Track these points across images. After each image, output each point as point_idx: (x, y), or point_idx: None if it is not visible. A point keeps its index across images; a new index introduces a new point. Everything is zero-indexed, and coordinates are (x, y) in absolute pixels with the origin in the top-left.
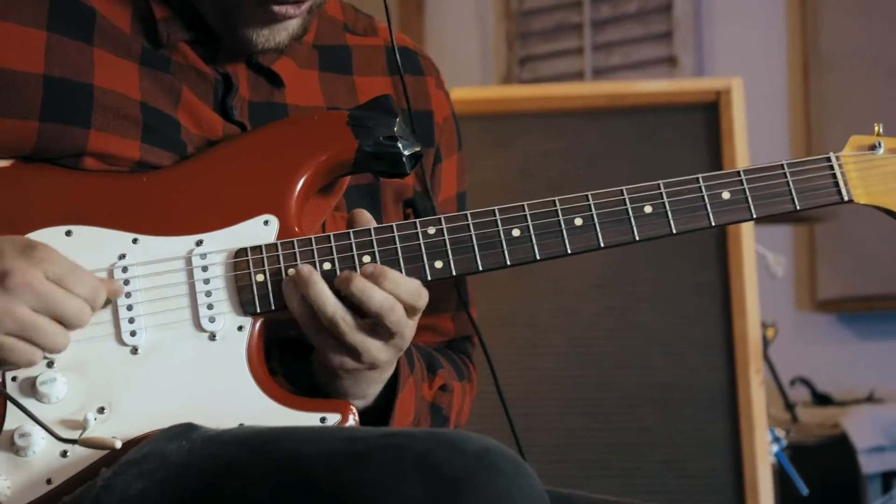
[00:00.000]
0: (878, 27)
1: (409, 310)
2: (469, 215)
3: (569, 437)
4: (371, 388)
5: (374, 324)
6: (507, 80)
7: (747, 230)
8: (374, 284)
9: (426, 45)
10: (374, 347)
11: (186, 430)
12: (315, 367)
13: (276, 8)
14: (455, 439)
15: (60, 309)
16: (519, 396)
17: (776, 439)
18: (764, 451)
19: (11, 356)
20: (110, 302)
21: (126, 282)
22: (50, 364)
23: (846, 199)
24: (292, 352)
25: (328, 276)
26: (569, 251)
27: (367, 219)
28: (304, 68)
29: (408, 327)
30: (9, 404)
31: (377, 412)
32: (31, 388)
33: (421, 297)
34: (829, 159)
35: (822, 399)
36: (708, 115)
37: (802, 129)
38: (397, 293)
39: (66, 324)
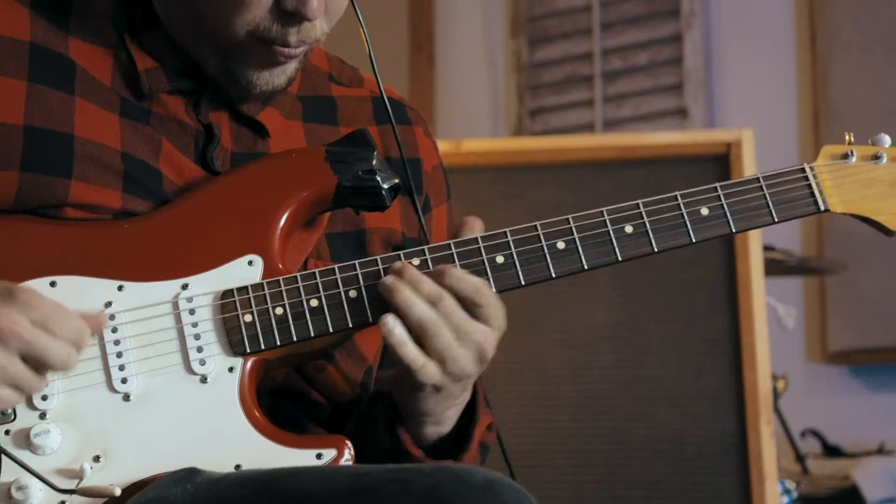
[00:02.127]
0: (888, 78)
1: (472, 305)
2: (452, 244)
3: (579, 489)
4: (451, 409)
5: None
6: (517, 131)
7: (758, 282)
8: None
9: (437, 96)
10: (458, 355)
11: (190, 473)
12: (396, 387)
13: (280, 49)
14: (461, 472)
15: (46, 355)
16: (529, 449)
17: (787, 491)
18: (774, 503)
19: None
20: (95, 334)
21: (114, 329)
22: (43, 415)
23: (822, 208)
24: (286, 398)
25: (316, 312)
26: (553, 275)
27: (479, 225)
28: (288, 119)
29: (478, 329)
30: (3, 458)
31: (452, 439)
32: (25, 440)
33: (480, 293)
34: (803, 170)
35: (832, 451)
36: (719, 166)
37: None
38: (453, 286)
39: (52, 369)
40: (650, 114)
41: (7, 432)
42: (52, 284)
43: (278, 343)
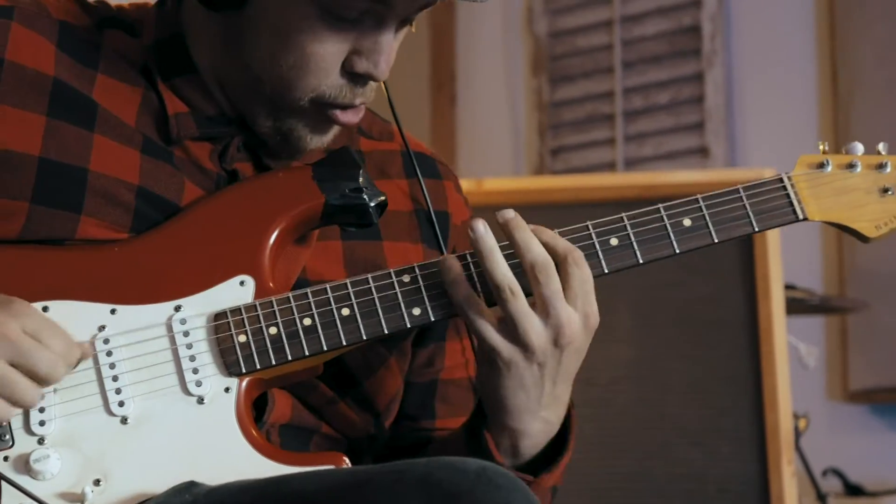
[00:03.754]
0: None
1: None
2: (441, 262)
3: None
4: (544, 398)
5: (534, 292)
6: (539, 170)
7: (779, 322)
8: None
9: (458, 135)
10: (532, 326)
11: (189, 485)
12: (479, 375)
13: (341, 117)
14: (454, 461)
15: (34, 362)
16: None
17: None
18: None
19: None
20: (83, 359)
21: (108, 353)
22: (41, 441)
23: (801, 217)
24: (296, 434)
25: (310, 331)
26: None
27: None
28: None
29: (563, 307)
30: (4, 484)
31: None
32: (24, 466)
33: (574, 253)
34: (781, 180)
35: (854, 490)
36: None
37: None
38: (549, 243)
39: (40, 378)
40: (672, 152)
41: (6, 458)
42: (45, 310)
43: (273, 363)
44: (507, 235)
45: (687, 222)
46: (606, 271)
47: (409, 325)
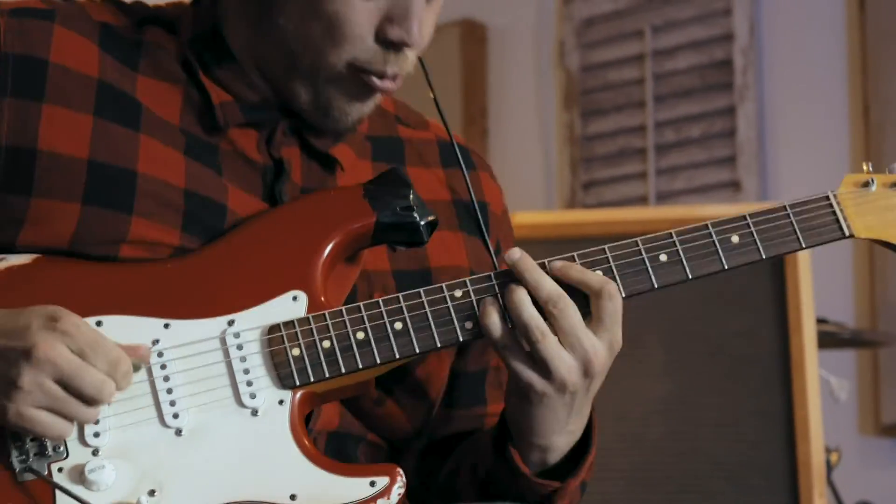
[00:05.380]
0: None
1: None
2: (493, 276)
3: None
4: (571, 418)
5: (554, 326)
6: (570, 204)
7: (811, 356)
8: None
9: None
10: (562, 361)
11: None
12: (508, 403)
13: (379, 83)
14: None
15: (80, 384)
16: None
17: None
18: None
19: (42, 429)
20: (139, 368)
21: (163, 366)
22: (96, 452)
23: (847, 234)
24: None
25: (364, 345)
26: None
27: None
28: (359, 157)
29: (587, 337)
30: (58, 494)
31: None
32: (79, 476)
33: (606, 288)
34: (827, 198)
35: None
36: None
37: (866, 249)
38: (574, 278)
39: (87, 400)
40: (703, 186)
41: (60, 469)
42: (98, 324)
43: (327, 375)
44: (518, 277)
45: (735, 239)
46: (656, 286)
47: (461, 339)
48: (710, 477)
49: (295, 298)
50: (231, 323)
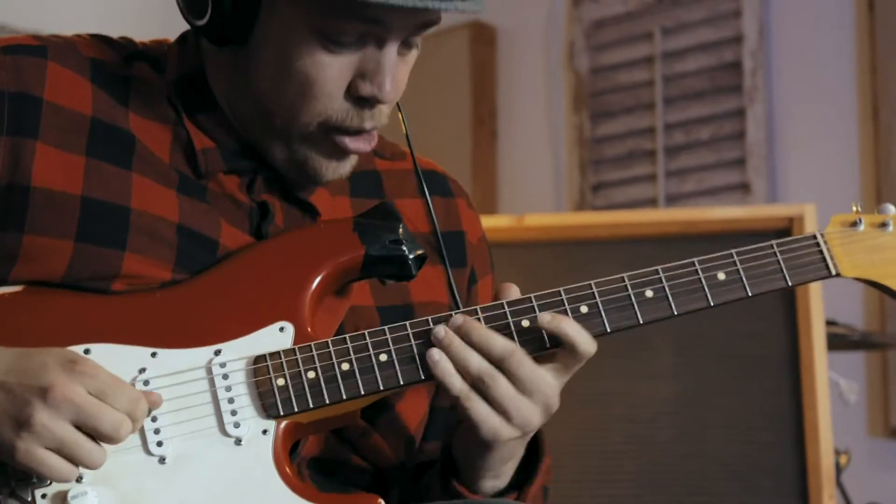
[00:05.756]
0: None
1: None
2: (479, 309)
3: None
4: (510, 462)
5: (511, 379)
6: (580, 206)
7: (820, 358)
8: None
9: (499, 171)
10: (522, 406)
11: None
12: (462, 444)
13: (351, 144)
14: None
15: (98, 424)
16: None
17: None
18: None
19: (48, 471)
20: (153, 409)
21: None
22: (79, 479)
23: (833, 273)
24: (325, 466)
25: (348, 376)
26: None
27: (514, 291)
28: (336, 195)
29: (543, 381)
30: None
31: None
32: (62, 503)
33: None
34: (815, 237)
35: None
36: None
37: None
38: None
39: (104, 439)
40: (713, 188)
41: (44, 496)
42: (86, 352)
43: (311, 406)
44: (465, 339)
45: (721, 276)
46: (641, 322)
47: None
48: (719, 479)
49: (282, 329)
50: (217, 353)
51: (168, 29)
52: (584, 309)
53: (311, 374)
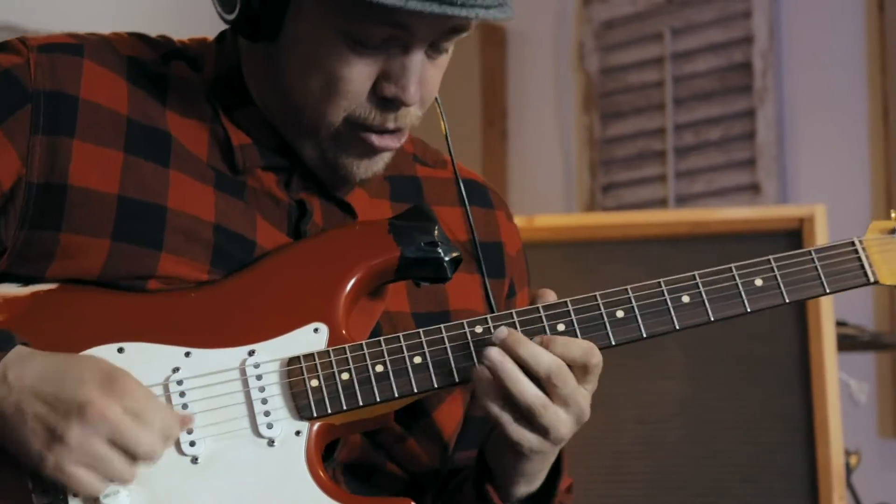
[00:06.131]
0: None
1: (581, 371)
2: (515, 313)
3: None
4: (544, 468)
5: (551, 395)
6: (590, 207)
7: (830, 359)
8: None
9: (509, 171)
10: (561, 423)
11: None
12: (494, 451)
13: (378, 141)
14: None
15: (134, 444)
16: None
17: None
18: None
19: (76, 486)
20: (184, 429)
21: (182, 394)
22: None
23: (872, 280)
24: (360, 472)
25: (382, 378)
26: (613, 343)
27: (550, 296)
28: (375, 198)
29: (581, 395)
30: None
31: (535, 497)
32: (94, 503)
33: (593, 354)
34: (853, 244)
35: None
36: (791, 242)
37: None
38: (566, 355)
39: (138, 457)
40: (723, 189)
41: (76, 495)
42: (120, 351)
43: (344, 407)
44: (511, 354)
45: (758, 282)
46: (678, 327)
47: None
48: (728, 480)
49: (316, 330)
50: (251, 353)
51: (179, 29)
52: (619, 314)
53: (345, 376)
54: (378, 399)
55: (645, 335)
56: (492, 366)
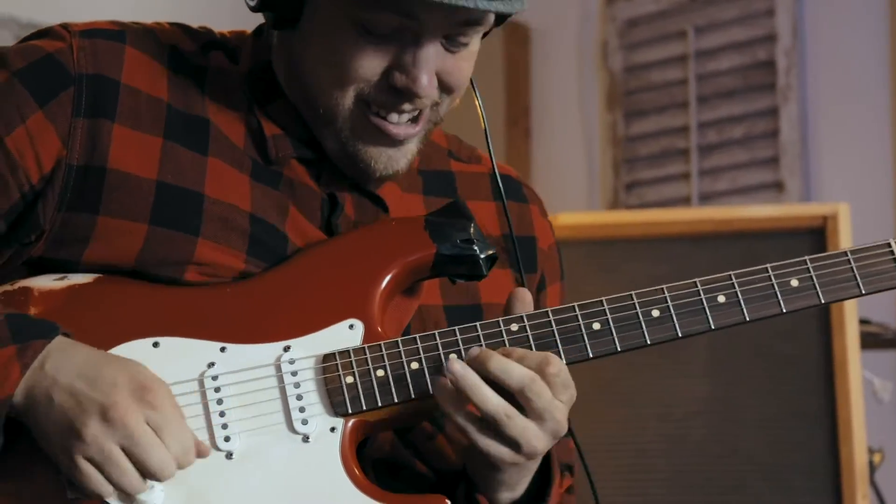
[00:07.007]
0: None
1: (547, 382)
2: (550, 312)
3: None
4: (525, 477)
5: (526, 408)
6: (613, 205)
7: (854, 357)
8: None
9: (533, 169)
10: (533, 436)
11: None
12: (471, 462)
13: (393, 128)
14: None
15: (145, 457)
16: None
17: None
18: None
19: (83, 481)
20: (200, 457)
21: (217, 389)
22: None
23: None
24: (388, 469)
25: (417, 375)
26: (648, 342)
27: (529, 299)
28: (408, 192)
29: (557, 409)
30: None
31: (525, 500)
32: (129, 498)
33: (549, 363)
34: (889, 245)
35: None
36: (814, 240)
37: None
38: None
39: (146, 473)
40: (746, 187)
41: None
42: (155, 345)
43: (379, 404)
44: (481, 371)
45: (794, 283)
46: (713, 327)
47: None
48: (751, 478)
49: (351, 327)
50: (287, 349)
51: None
52: (655, 313)
53: (381, 373)
54: (413, 396)
55: (680, 334)
56: (454, 378)
